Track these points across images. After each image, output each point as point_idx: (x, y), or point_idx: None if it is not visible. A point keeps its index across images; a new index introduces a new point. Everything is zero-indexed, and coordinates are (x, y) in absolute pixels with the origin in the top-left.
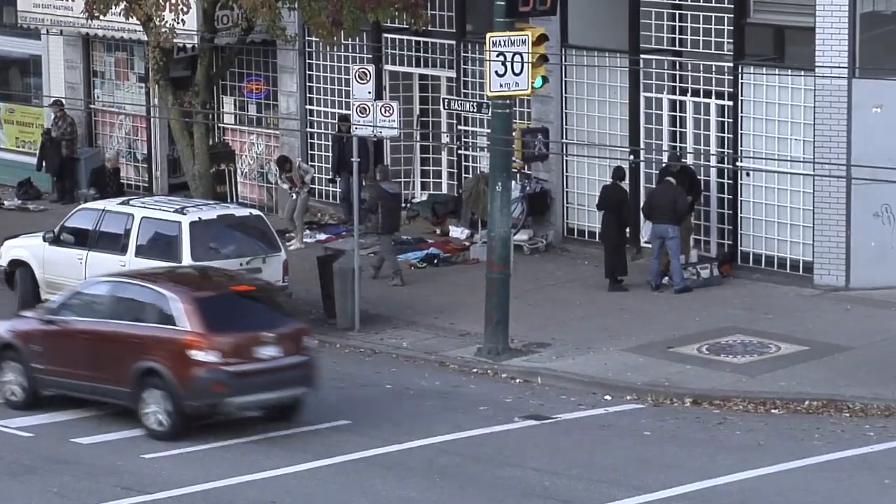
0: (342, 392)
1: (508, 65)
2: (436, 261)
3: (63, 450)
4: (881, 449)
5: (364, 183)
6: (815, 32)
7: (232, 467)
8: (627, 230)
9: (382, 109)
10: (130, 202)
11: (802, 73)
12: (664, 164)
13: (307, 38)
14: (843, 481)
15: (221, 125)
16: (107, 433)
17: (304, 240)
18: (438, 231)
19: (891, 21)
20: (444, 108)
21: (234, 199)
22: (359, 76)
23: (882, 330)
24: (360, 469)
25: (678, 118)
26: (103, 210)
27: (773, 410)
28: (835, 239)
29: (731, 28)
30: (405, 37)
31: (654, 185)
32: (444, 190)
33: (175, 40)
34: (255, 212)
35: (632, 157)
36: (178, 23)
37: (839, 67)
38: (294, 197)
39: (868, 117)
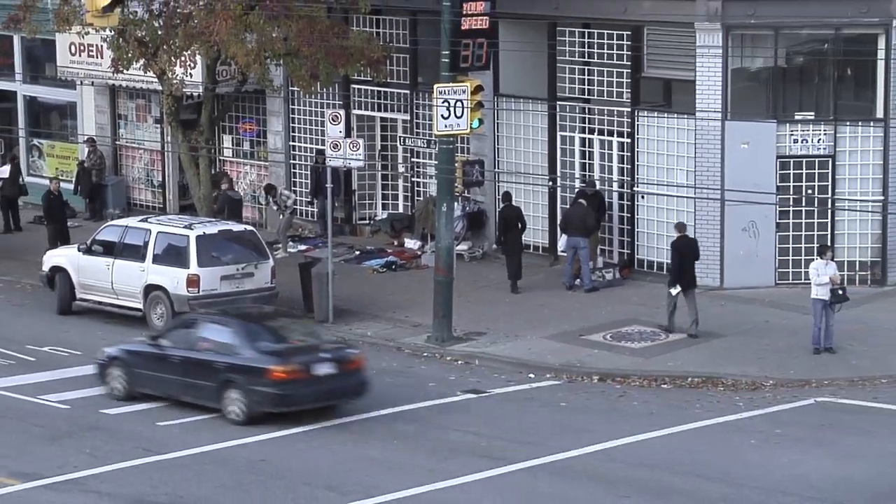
0: None
1: (452, 109)
2: (394, 266)
3: (94, 419)
4: (748, 416)
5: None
6: (695, 84)
7: (229, 433)
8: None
9: (351, 145)
10: (148, 220)
11: (685, 116)
12: (578, 189)
13: (290, 88)
14: (719, 442)
15: (221, 158)
16: (129, 405)
17: (288, 250)
18: (396, 243)
19: (755, 76)
20: (400, 144)
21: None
22: (332, 118)
23: (749, 321)
24: (330, 434)
25: (587, 152)
26: (126, 226)
27: (663, 385)
28: (711, 248)
29: (629, 80)
30: (369, 87)
31: (568, 206)
32: (401, 209)
33: (184, 90)
34: (249, 227)
35: (550, 182)
36: (186, 76)
37: (714, 112)
38: (281, 217)
39: (737, 152)
